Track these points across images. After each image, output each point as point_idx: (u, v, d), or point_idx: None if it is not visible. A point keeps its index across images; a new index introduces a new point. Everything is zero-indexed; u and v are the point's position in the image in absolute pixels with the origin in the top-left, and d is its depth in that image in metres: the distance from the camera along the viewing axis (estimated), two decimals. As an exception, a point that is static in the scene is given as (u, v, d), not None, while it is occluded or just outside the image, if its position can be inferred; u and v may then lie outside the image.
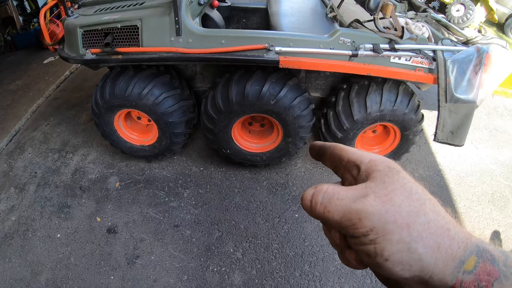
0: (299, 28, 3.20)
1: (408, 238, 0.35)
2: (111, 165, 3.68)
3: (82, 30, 2.90)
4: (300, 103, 2.96)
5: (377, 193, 0.38)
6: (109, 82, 3.05)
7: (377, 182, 0.39)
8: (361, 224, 0.37)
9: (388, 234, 0.35)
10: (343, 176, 0.47)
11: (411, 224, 0.35)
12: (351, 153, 0.45)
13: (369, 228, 0.36)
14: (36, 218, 3.20)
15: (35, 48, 6.46)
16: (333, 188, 0.41)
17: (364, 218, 0.36)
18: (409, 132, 3.20)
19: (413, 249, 0.35)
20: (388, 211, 0.36)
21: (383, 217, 0.36)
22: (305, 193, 0.43)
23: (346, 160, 0.45)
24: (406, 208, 0.36)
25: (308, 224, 3.13)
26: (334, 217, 0.39)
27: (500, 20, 8.26)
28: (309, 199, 0.42)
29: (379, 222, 0.36)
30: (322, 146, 0.50)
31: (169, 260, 2.87)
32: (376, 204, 0.37)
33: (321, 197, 0.41)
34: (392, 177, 0.39)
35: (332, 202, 0.39)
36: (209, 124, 3.15)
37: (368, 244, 0.37)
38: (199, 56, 2.73)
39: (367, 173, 0.41)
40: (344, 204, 0.38)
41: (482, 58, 2.68)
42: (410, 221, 0.36)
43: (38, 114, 4.54)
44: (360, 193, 0.39)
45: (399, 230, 0.35)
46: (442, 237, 0.36)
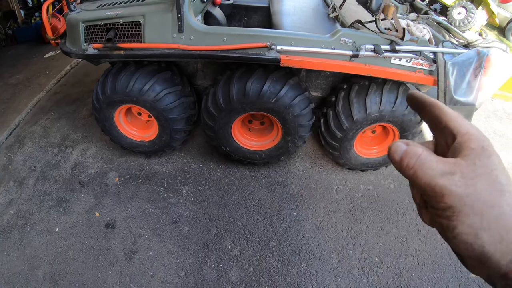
0: (301, 28, 3.21)
1: (479, 225, 0.38)
2: (110, 160, 3.69)
3: (84, 25, 2.90)
4: (300, 102, 2.97)
5: (464, 174, 0.39)
6: (111, 78, 3.05)
7: (467, 162, 0.40)
8: (442, 199, 0.40)
9: (463, 216, 0.39)
10: (437, 138, 0.48)
11: (485, 213, 0.38)
12: (449, 118, 0.46)
13: (448, 205, 0.39)
14: (34, 212, 3.21)
15: (36, 42, 6.45)
16: (426, 155, 0.42)
17: (446, 195, 0.39)
18: (408, 133, 3.21)
19: (479, 236, 0.38)
20: (469, 195, 0.39)
21: (463, 200, 0.39)
22: (394, 145, 0.44)
23: (444, 125, 0.46)
24: (485, 196, 0.38)
25: (306, 223, 3.14)
26: (421, 183, 0.41)
27: (501, 24, 8.29)
28: (399, 156, 0.43)
29: (458, 203, 0.39)
30: (422, 99, 0.50)
31: (167, 256, 2.88)
32: (460, 185, 0.39)
33: (414, 161, 0.42)
34: (482, 161, 0.40)
35: (422, 169, 0.41)
36: (209, 121, 3.16)
37: (443, 218, 0.40)
38: (201, 53, 2.74)
39: (460, 147, 0.42)
40: (433, 175, 0.40)
41: (482, 61, 2.69)
42: (484, 210, 0.38)
43: (38, 108, 4.55)
44: (450, 169, 0.40)
45: (473, 216, 0.38)
46: (507, 232, 0.38)
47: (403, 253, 2.97)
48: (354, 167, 3.53)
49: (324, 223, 3.16)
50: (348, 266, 2.87)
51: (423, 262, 2.91)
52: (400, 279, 2.81)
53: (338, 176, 3.61)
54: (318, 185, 3.50)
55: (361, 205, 3.33)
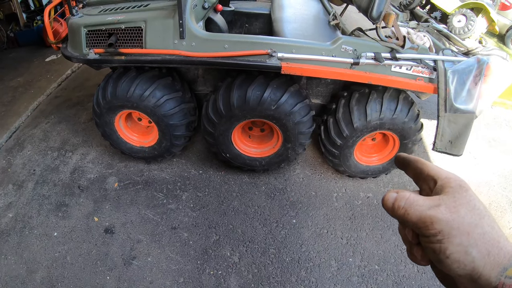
0: (302, 35, 3.21)
1: (467, 243, 0.44)
2: (110, 166, 3.69)
3: (86, 30, 2.91)
4: (300, 109, 2.97)
5: (448, 205, 0.46)
6: (111, 83, 3.06)
7: (449, 196, 0.48)
8: (432, 226, 0.45)
9: (452, 237, 0.44)
10: (421, 186, 0.56)
11: (471, 232, 0.44)
12: (430, 168, 0.54)
13: (438, 230, 0.45)
14: (33, 215, 3.20)
15: (38, 46, 6.47)
16: (414, 196, 0.50)
17: (435, 222, 0.45)
18: (408, 141, 3.21)
19: (469, 252, 0.43)
20: (454, 219, 0.45)
21: (450, 224, 0.45)
22: (387, 195, 0.52)
23: (426, 174, 0.54)
24: (468, 219, 0.45)
25: (306, 230, 3.13)
26: (412, 219, 0.48)
27: (501, 31, 8.32)
28: (391, 202, 0.51)
29: (446, 227, 0.45)
30: (407, 158, 0.60)
31: (166, 262, 2.87)
32: (445, 213, 0.45)
33: (404, 202, 0.49)
34: (461, 194, 0.47)
35: (412, 207, 0.48)
36: (210, 127, 3.16)
37: (435, 243, 0.45)
38: (202, 59, 2.75)
39: (442, 187, 0.50)
40: (422, 210, 0.47)
41: (482, 69, 2.70)
42: (470, 230, 0.44)
43: (39, 112, 4.55)
44: (435, 203, 0.47)
45: (461, 236, 0.44)
46: (493, 247, 0.44)
47: (402, 261, 2.96)
48: (354, 174, 3.52)
49: (324, 230, 3.15)
50: (347, 273, 2.86)
51: (423, 269, 2.90)
52: (399, 287, 2.80)
53: (338, 183, 3.60)
54: (318, 192, 3.50)
55: (361, 213, 3.33)
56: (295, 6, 3.87)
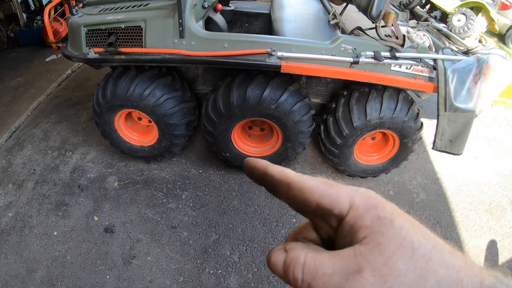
0: (301, 34, 3.21)
1: None
2: (110, 165, 3.69)
3: (86, 29, 2.91)
4: (300, 108, 2.97)
5: (373, 263, 0.30)
6: (111, 82, 3.06)
7: (370, 246, 0.31)
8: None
9: None
10: (314, 222, 0.39)
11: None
12: (318, 196, 0.35)
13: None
14: (33, 215, 3.20)
15: (38, 46, 6.46)
16: (312, 258, 0.32)
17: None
18: (408, 140, 3.21)
19: None
20: (393, 286, 0.29)
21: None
22: (272, 257, 0.35)
23: (315, 206, 0.36)
24: (412, 274, 0.29)
25: (305, 229, 3.13)
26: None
27: (501, 31, 8.32)
28: (281, 268, 0.34)
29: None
30: (268, 176, 0.39)
31: (166, 261, 2.87)
32: (375, 280, 0.29)
33: (301, 273, 0.32)
34: (387, 234, 0.31)
35: (317, 279, 0.31)
36: (209, 126, 3.16)
37: None
38: (202, 59, 2.75)
39: (351, 229, 0.33)
40: (335, 283, 0.30)
41: (482, 68, 2.70)
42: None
43: (39, 112, 4.55)
44: (352, 265, 0.31)
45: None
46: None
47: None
48: (354, 173, 3.52)
49: (324, 229, 3.15)
50: (347, 273, 2.86)
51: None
52: None
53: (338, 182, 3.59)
54: (318, 191, 3.48)
55: (361, 212, 3.32)
56: (294, 5, 3.86)
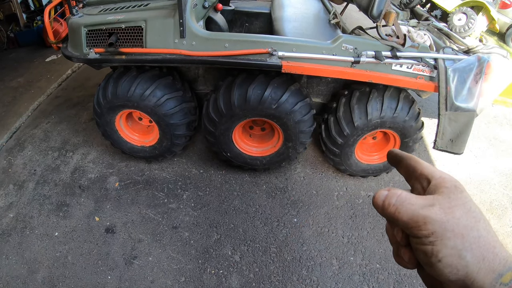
0: (302, 34, 3.21)
1: (461, 246, 0.41)
2: (111, 165, 3.69)
3: (86, 30, 2.91)
4: (301, 108, 2.97)
5: (442, 205, 0.44)
6: (112, 82, 3.06)
7: (444, 196, 0.45)
8: (425, 227, 0.43)
9: (445, 239, 0.42)
10: (413, 185, 0.53)
11: (465, 235, 0.41)
12: (424, 167, 0.51)
13: (431, 231, 0.42)
14: (34, 215, 3.20)
15: (38, 46, 6.47)
16: (406, 194, 0.47)
17: (428, 222, 0.42)
18: (409, 140, 3.21)
19: (463, 256, 0.41)
20: (449, 221, 0.42)
21: (444, 225, 0.42)
22: (378, 193, 0.49)
23: (419, 173, 0.51)
24: (464, 222, 0.42)
25: (307, 229, 3.13)
26: (403, 218, 0.45)
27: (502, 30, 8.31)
28: (381, 199, 0.48)
29: (440, 228, 0.42)
30: (399, 154, 0.57)
31: (167, 262, 2.87)
32: (440, 213, 0.43)
33: (395, 200, 0.46)
34: (456, 195, 0.45)
35: (403, 205, 0.45)
36: (210, 126, 3.15)
37: (427, 245, 0.43)
38: (203, 59, 2.74)
39: (436, 187, 0.47)
40: (414, 209, 0.44)
41: (482, 67, 2.70)
42: (465, 232, 0.42)
43: (39, 112, 4.55)
44: (428, 202, 0.44)
45: (455, 238, 0.41)
46: (488, 252, 0.41)
47: (404, 260, 2.95)
48: (355, 173, 3.52)
49: (325, 229, 3.15)
50: (349, 272, 2.86)
51: (424, 269, 2.89)
52: (401, 286, 2.79)
53: (338, 182, 3.60)
54: (319, 191, 3.49)
55: (362, 211, 3.32)
56: (295, 5, 3.86)
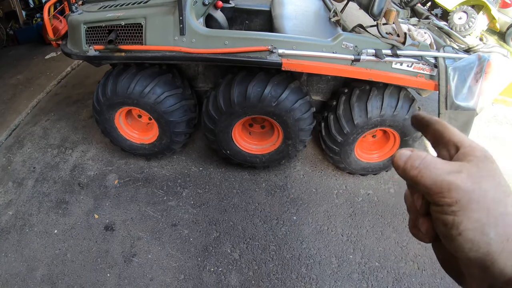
0: (302, 31, 3.21)
1: (485, 220, 0.38)
2: (110, 163, 3.68)
3: (85, 27, 2.90)
4: (301, 106, 2.97)
5: (470, 173, 0.40)
6: (111, 79, 3.05)
7: (472, 165, 0.41)
8: (449, 194, 0.39)
9: (469, 211, 0.38)
10: (439, 152, 0.49)
11: (492, 210, 0.38)
12: (453, 133, 0.47)
13: (454, 199, 0.39)
14: (33, 213, 3.20)
15: (37, 43, 6.46)
16: (431, 157, 0.43)
17: (453, 189, 0.39)
18: (409, 138, 3.21)
19: (486, 232, 0.37)
20: (475, 190, 0.39)
21: (470, 195, 0.38)
22: (399, 152, 0.45)
23: (448, 139, 0.47)
24: (492, 194, 0.39)
25: (306, 227, 3.13)
26: (426, 182, 0.41)
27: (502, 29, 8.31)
28: (403, 160, 0.44)
29: (465, 198, 0.38)
30: (427, 118, 0.52)
31: (166, 259, 2.87)
32: (467, 181, 0.39)
33: (418, 162, 0.42)
34: (486, 165, 0.41)
35: (428, 168, 0.41)
36: (210, 124, 3.15)
37: (449, 214, 0.39)
38: (202, 56, 2.74)
39: (464, 155, 0.43)
40: (439, 174, 0.41)
41: (483, 66, 2.70)
42: (491, 207, 0.38)
43: (39, 109, 4.54)
44: (456, 168, 0.41)
45: (480, 211, 0.38)
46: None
47: (403, 258, 2.96)
48: (354, 171, 3.52)
49: (324, 227, 3.15)
50: (348, 270, 2.86)
51: (423, 267, 2.90)
52: (400, 284, 2.80)
53: (338, 180, 3.60)
54: (318, 189, 3.49)
55: (361, 210, 3.33)
56: (295, 2, 3.85)
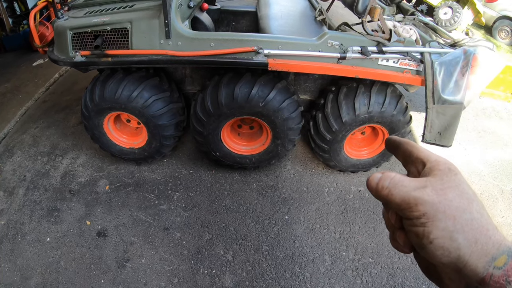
0: (288, 31, 3.22)
1: (452, 228, 0.41)
2: (100, 168, 3.66)
3: (71, 33, 2.88)
4: (289, 105, 2.98)
5: (435, 187, 0.44)
6: (99, 85, 3.04)
7: (437, 178, 0.45)
8: (416, 208, 0.43)
9: (437, 221, 0.41)
10: (409, 169, 0.54)
11: (457, 217, 0.41)
12: (420, 151, 0.52)
13: (422, 212, 0.42)
14: (25, 222, 3.18)
15: (24, 50, 6.40)
16: (399, 176, 0.47)
17: (420, 204, 0.43)
18: (398, 134, 3.23)
19: (454, 238, 0.41)
20: (441, 202, 0.42)
21: (436, 206, 0.42)
22: (372, 176, 0.49)
23: (415, 156, 0.52)
24: (456, 203, 0.42)
25: (298, 226, 3.14)
26: (396, 199, 0.45)
27: (488, 23, 8.40)
28: (375, 182, 0.48)
29: (431, 210, 0.42)
30: (397, 140, 0.57)
31: (160, 263, 2.86)
32: (432, 194, 0.43)
33: (388, 182, 0.47)
34: (450, 177, 0.45)
35: (396, 187, 0.45)
36: (199, 126, 3.15)
37: (419, 226, 0.43)
38: (189, 59, 2.74)
39: (430, 170, 0.47)
40: (406, 191, 0.44)
41: (469, 60, 2.73)
42: (457, 214, 0.41)
43: (27, 117, 4.51)
44: (421, 184, 0.45)
45: (446, 220, 0.41)
46: (481, 235, 0.41)
47: (396, 253, 2.98)
48: (344, 168, 3.54)
49: (316, 225, 3.17)
50: (341, 267, 2.88)
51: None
52: (394, 279, 2.82)
53: (329, 178, 3.62)
54: (309, 187, 3.51)
55: (353, 207, 3.34)
56: (281, 2, 3.87)
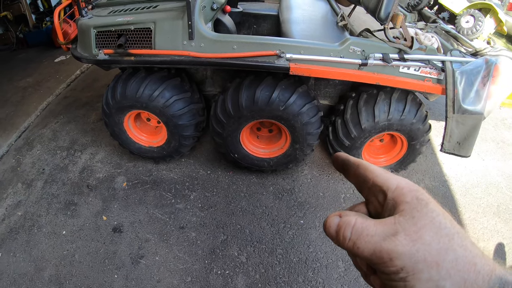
0: (310, 36, 3.22)
1: (437, 276, 0.36)
2: (119, 165, 3.71)
3: (95, 31, 2.94)
4: (309, 110, 2.98)
5: (407, 230, 0.38)
6: (121, 83, 3.08)
7: (407, 217, 0.39)
8: (391, 263, 0.38)
9: (418, 273, 0.37)
10: (367, 198, 0.47)
11: (440, 262, 0.37)
12: (376, 175, 0.45)
13: (399, 267, 0.37)
14: (42, 214, 3.24)
15: (47, 46, 6.55)
16: (361, 222, 0.41)
17: (395, 258, 0.37)
18: (416, 142, 3.20)
19: (441, 286, 0.36)
20: (419, 250, 0.37)
21: (414, 257, 0.37)
22: (328, 220, 0.44)
23: (371, 183, 0.45)
24: (436, 245, 0.37)
25: (313, 231, 3.13)
26: (364, 253, 0.39)
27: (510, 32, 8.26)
28: (334, 229, 0.43)
29: (410, 262, 0.37)
30: (346, 161, 0.49)
31: (173, 261, 2.88)
32: (406, 243, 0.37)
33: (349, 233, 0.41)
34: (421, 211, 0.39)
35: (361, 238, 0.40)
36: (218, 128, 3.17)
37: (398, 281, 0.38)
38: (211, 60, 2.76)
39: (394, 202, 0.41)
40: (375, 242, 0.39)
41: (490, 69, 2.69)
42: (439, 259, 0.37)
43: (48, 112, 4.60)
44: (390, 230, 0.39)
45: (429, 269, 0.36)
46: (469, 273, 0.36)
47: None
48: (361, 175, 3.51)
49: (331, 231, 3.14)
50: (355, 274, 2.86)
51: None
52: None
53: (345, 184, 3.60)
54: (326, 193, 3.50)
55: (368, 214, 3.31)
56: (303, 7, 3.87)
